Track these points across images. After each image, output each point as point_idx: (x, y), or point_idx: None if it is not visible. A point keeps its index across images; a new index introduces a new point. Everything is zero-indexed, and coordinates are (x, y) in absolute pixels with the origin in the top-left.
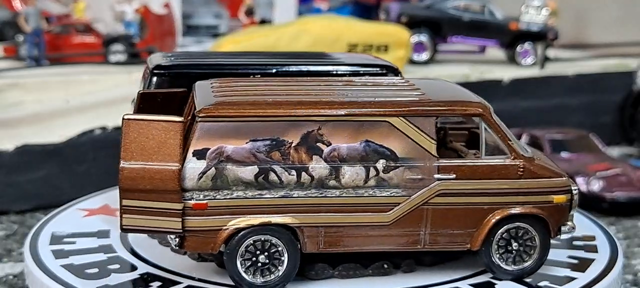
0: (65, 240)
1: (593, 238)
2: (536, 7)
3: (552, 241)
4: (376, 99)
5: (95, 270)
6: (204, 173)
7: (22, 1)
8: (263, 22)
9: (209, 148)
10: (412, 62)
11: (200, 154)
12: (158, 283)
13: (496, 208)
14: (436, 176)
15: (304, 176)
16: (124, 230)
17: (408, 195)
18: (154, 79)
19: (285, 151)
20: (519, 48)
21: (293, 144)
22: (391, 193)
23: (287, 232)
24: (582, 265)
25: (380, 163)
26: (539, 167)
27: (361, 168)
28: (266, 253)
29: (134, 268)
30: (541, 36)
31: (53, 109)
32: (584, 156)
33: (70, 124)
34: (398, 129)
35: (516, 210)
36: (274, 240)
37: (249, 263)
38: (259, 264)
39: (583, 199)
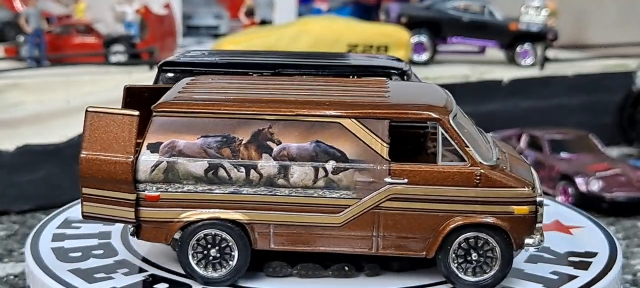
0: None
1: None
2: (536, 8)
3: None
4: (331, 100)
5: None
6: (156, 166)
7: (22, 2)
8: (263, 22)
9: (162, 142)
10: (412, 62)
11: (153, 147)
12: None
13: (451, 216)
14: (387, 180)
15: (253, 173)
16: (84, 217)
17: (359, 198)
18: (163, 74)
19: (235, 148)
20: (518, 48)
21: (243, 142)
22: (341, 194)
23: (237, 228)
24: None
25: (330, 164)
26: (499, 175)
27: (310, 169)
28: (217, 248)
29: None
30: (541, 37)
31: (54, 109)
32: (584, 156)
33: (70, 124)
34: (349, 131)
35: (473, 219)
36: (224, 235)
37: (200, 256)
38: (210, 258)
39: (582, 199)
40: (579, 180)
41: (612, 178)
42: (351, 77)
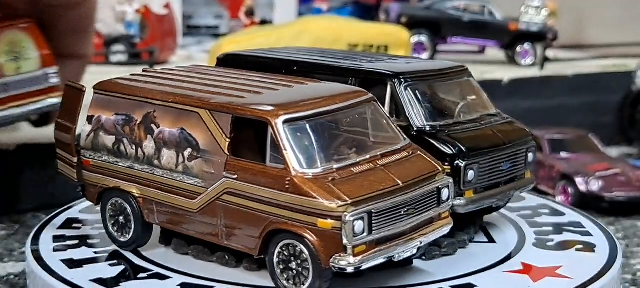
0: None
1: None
2: (536, 8)
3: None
4: (205, 90)
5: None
6: (88, 135)
7: None
8: (263, 22)
9: (94, 116)
10: None
11: (89, 119)
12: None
13: (269, 218)
14: (224, 173)
15: (140, 152)
16: (58, 173)
17: (206, 187)
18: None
19: (132, 127)
20: (518, 48)
21: (137, 122)
22: (195, 182)
23: (134, 200)
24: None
25: (187, 152)
26: (310, 184)
27: (173, 153)
28: (123, 215)
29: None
30: (541, 36)
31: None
32: (584, 156)
33: None
34: (203, 122)
35: (284, 225)
36: (126, 205)
37: (113, 221)
38: (120, 223)
39: (582, 199)
40: (579, 180)
41: (612, 178)
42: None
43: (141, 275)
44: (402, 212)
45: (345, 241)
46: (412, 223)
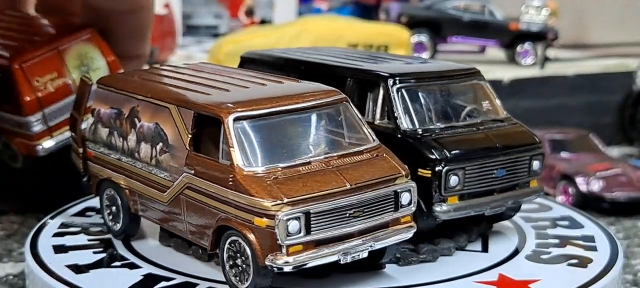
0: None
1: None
2: (536, 8)
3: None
4: (182, 87)
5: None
6: (90, 128)
7: None
8: (263, 22)
9: (95, 109)
10: None
11: (92, 112)
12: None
13: (218, 214)
14: (184, 168)
15: (126, 144)
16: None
17: (173, 181)
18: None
19: (121, 120)
20: (519, 48)
21: (125, 116)
22: (164, 175)
23: (122, 191)
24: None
25: (159, 146)
26: (250, 182)
27: (149, 147)
28: (115, 206)
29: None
30: (541, 36)
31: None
32: (584, 156)
33: None
34: (172, 116)
35: (228, 222)
36: (116, 195)
37: (108, 211)
38: (113, 213)
39: (583, 199)
40: (580, 180)
41: (612, 178)
42: None
43: (115, 263)
44: (348, 214)
45: (278, 240)
46: (360, 226)
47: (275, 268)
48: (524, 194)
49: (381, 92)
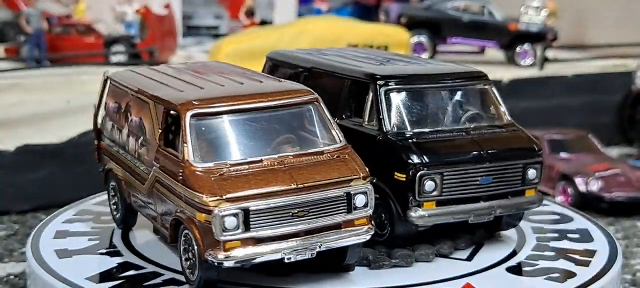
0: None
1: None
2: (535, 8)
3: None
4: (168, 83)
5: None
6: (102, 120)
7: (23, 2)
8: (263, 22)
9: (107, 103)
10: None
11: (105, 107)
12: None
13: (176, 208)
14: (153, 162)
15: (121, 137)
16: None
17: (148, 174)
18: (267, 65)
19: (121, 114)
20: (518, 49)
21: (123, 110)
22: (144, 168)
23: (119, 182)
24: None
25: (141, 139)
26: (196, 177)
27: (134, 140)
28: (116, 196)
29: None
30: (540, 37)
31: (54, 109)
32: (583, 156)
33: (70, 124)
34: (150, 112)
35: (181, 216)
36: (117, 186)
37: (113, 201)
38: (116, 203)
39: (582, 199)
40: (579, 180)
41: (611, 178)
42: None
43: (100, 250)
44: (291, 214)
45: (215, 236)
46: (304, 226)
47: (215, 263)
48: (517, 204)
49: (370, 93)
